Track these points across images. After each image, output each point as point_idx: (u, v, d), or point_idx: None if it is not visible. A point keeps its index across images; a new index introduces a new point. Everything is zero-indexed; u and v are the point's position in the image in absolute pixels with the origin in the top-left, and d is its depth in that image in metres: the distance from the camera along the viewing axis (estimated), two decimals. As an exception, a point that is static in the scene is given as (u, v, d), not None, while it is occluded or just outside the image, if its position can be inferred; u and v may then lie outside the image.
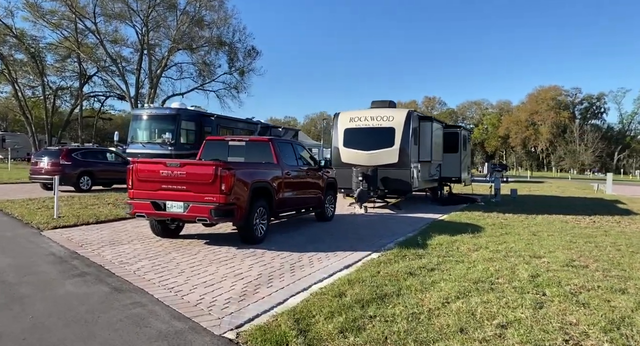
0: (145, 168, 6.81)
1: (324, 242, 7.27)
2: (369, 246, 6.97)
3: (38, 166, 14.47)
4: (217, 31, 40.07)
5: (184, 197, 6.54)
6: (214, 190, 6.38)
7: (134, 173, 6.83)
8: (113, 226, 8.58)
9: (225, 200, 6.37)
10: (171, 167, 6.59)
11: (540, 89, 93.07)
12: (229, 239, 7.44)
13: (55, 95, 44.07)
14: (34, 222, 8.40)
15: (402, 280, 4.82)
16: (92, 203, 11.38)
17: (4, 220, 8.95)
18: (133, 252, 6.41)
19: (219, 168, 6.36)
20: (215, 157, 8.09)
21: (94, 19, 35.72)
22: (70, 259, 5.86)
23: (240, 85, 44.03)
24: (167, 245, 6.94)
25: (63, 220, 8.65)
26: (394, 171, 11.33)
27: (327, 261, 5.94)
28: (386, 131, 11.48)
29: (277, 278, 5.10)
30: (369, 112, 12.10)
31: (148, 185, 6.75)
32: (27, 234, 7.51)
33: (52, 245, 6.68)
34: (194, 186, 6.48)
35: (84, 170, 14.70)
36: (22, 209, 9.93)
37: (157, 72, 38.77)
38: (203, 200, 6.43)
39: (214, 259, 5.99)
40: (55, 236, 7.37)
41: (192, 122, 19.42)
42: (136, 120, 19.39)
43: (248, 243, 6.95)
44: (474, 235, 7.72)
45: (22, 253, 6.14)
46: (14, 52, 40.29)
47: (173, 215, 6.63)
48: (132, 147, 18.92)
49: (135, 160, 6.91)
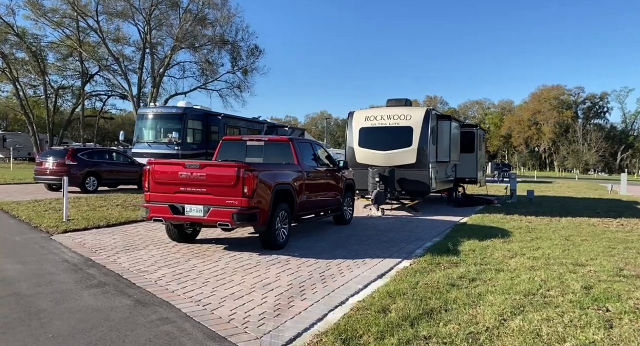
0: (163, 170, 6.47)
1: (348, 248, 6.93)
2: (398, 252, 6.63)
3: (43, 166, 14.12)
4: (220, 30, 39.71)
5: (203, 200, 6.20)
6: (235, 193, 6.04)
7: (150, 175, 6.49)
8: (125, 229, 8.25)
9: (248, 204, 6.03)
10: (190, 169, 6.25)
11: (542, 88, 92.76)
12: (249, 244, 7.10)
13: (56, 94, 43.69)
14: (42, 225, 8.06)
15: (444, 292, 4.48)
16: (100, 205, 11.04)
17: (11, 223, 8.61)
18: (150, 258, 6.07)
19: (241, 170, 6.02)
20: (232, 158, 7.78)
21: (97, 17, 35.33)
22: (86, 267, 5.52)
23: (243, 85, 43.68)
24: (184, 250, 6.61)
25: (73, 223, 8.31)
26: (412, 172, 10.99)
27: (358, 269, 5.60)
28: (403, 130, 11.13)
29: (308, 288, 4.77)
30: (385, 110, 11.75)
31: (166, 188, 6.41)
32: (37, 238, 7.17)
33: (64, 251, 6.34)
34: (214, 188, 6.14)
35: (90, 171, 14.35)
36: (29, 211, 9.59)
37: (159, 71, 38.38)
38: (224, 204, 6.09)
39: (237, 267, 5.65)
40: (66, 240, 7.04)
41: (198, 121, 19.09)
42: (142, 119, 19.04)
43: (269, 249, 6.61)
44: (505, 240, 7.38)
45: (34, 259, 5.80)
46: (15, 51, 39.96)
47: (192, 219, 6.29)
48: (138, 146, 18.59)
49: (152, 161, 6.56)
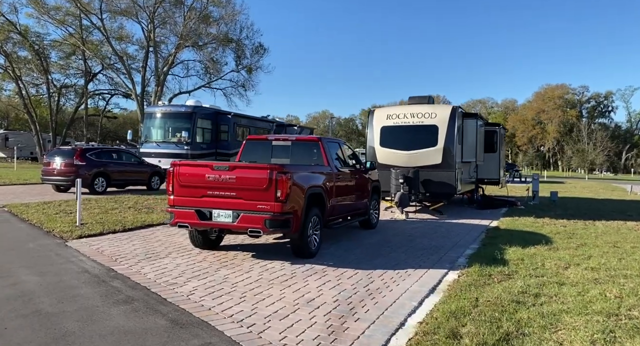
0: (189, 172, 6.02)
1: (385, 256, 6.49)
2: (440, 262, 6.18)
3: (50, 167, 13.67)
4: (224, 28, 39.21)
5: (233, 204, 5.76)
6: (268, 197, 5.60)
7: (175, 178, 6.04)
8: (142, 234, 7.81)
9: (281, 209, 5.59)
10: (218, 171, 5.81)
11: (547, 87, 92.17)
12: (277, 251, 6.66)
13: (59, 93, 43.25)
14: (56, 231, 7.62)
15: (512, 311, 4.03)
16: (112, 208, 10.60)
17: (22, 227, 8.17)
18: (176, 268, 5.63)
19: (274, 172, 5.57)
20: (257, 159, 7.35)
21: (100, 14, 34.86)
22: (109, 278, 5.08)
23: (247, 83, 43.21)
24: (210, 258, 6.16)
25: (87, 228, 7.87)
26: (437, 173, 10.53)
27: (404, 282, 5.15)
28: (428, 129, 10.67)
29: (358, 306, 4.32)
30: (408, 108, 11.29)
31: (191, 191, 5.96)
32: (52, 245, 6.73)
33: (83, 260, 5.90)
34: (244, 192, 5.70)
35: (99, 171, 13.89)
36: (40, 215, 9.15)
37: (163, 70, 37.92)
38: (255, 209, 5.65)
39: (272, 279, 5.20)
40: (82, 247, 6.60)
41: (208, 120, 18.69)
42: (150, 118, 18.62)
43: (301, 257, 6.17)
44: (549, 248, 6.93)
45: (52, 270, 5.36)
46: (17, 49, 39.52)
47: (220, 225, 5.85)
48: (146, 146, 18.18)
49: (177, 163, 6.11)
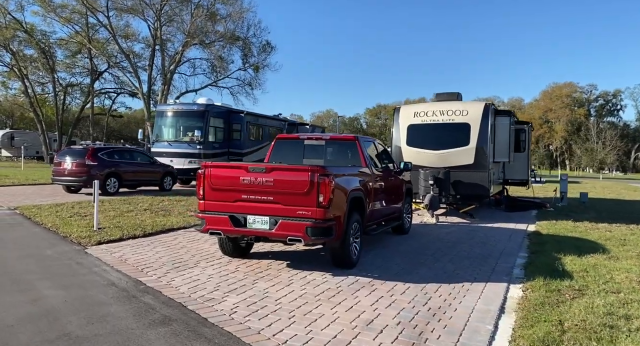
0: (221, 174, 5.53)
1: (429, 266, 5.98)
2: (494, 273, 5.67)
3: (61, 167, 13.22)
4: (231, 25, 38.70)
5: (270, 210, 5.27)
6: (309, 202, 5.10)
7: (206, 180, 5.55)
8: (164, 240, 7.33)
9: (324, 215, 5.09)
10: (254, 173, 5.32)
11: (554, 86, 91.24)
12: (311, 260, 6.18)
13: (65, 92, 42.91)
14: (73, 236, 7.16)
15: (609, 338, 3.54)
16: (127, 210, 10.13)
17: (37, 231, 7.71)
18: (208, 279, 5.15)
19: (315, 175, 5.07)
20: (288, 159, 6.86)
21: (107, 12, 34.44)
22: (139, 292, 4.60)
23: (254, 82, 42.73)
24: (243, 268, 5.68)
25: (106, 233, 7.40)
26: (469, 174, 10.00)
27: (464, 299, 4.64)
28: (459, 127, 10.13)
29: (426, 330, 3.81)
30: (436, 105, 10.75)
31: (224, 195, 5.48)
32: (71, 252, 6.26)
33: (107, 270, 5.42)
34: (283, 197, 5.21)
35: (111, 172, 13.44)
36: (54, 218, 8.69)
37: (170, 68, 37.47)
38: (295, 215, 5.16)
39: (318, 294, 4.71)
40: (104, 255, 6.12)
41: (220, 118, 18.21)
42: (161, 117, 18.17)
43: (342, 268, 5.67)
44: (607, 256, 6.41)
45: (75, 282, 4.88)
46: (23, 48, 39.18)
47: (256, 232, 5.36)
48: (158, 145, 17.72)
49: (208, 164, 5.62)
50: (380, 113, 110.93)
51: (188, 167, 16.90)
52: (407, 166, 7.95)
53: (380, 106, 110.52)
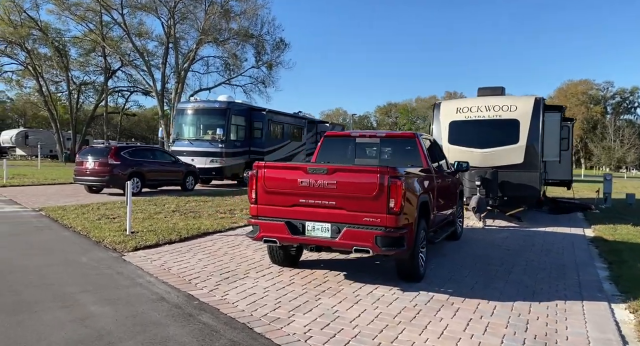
0: (277, 176, 5.00)
1: (504, 279, 5.40)
2: (582, 288, 5.06)
3: (83, 166, 12.81)
4: (245, 22, 38.22)
5: (332, 216, 4.73)
6: (378, 208, 4.54)
7: (259, 182, 5.02)
8: (202, 245, 6.83)
9: (395, 223, 4.53)
10: (314, 175, 4.77)
11: (569, 83, 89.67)
12: (368, 269, 5.65)
13: (79, 90, 42.84)
14: (106, 241, 6.69)
15: None
16: (155, 212, 9.67)
17: (66, 235, 7.26)
18: (265, 293, 4.63)
19: (385, 176, 4.51)
20: (337, 159, 6.30)
21: (121, 10, 34.18)
22: (194, 309, 4.09)
23: (267, 80, 42.25)
24: (298, 280, 5.15)
25: (140, 237, 6.92)
26: (519, 174, 9.36)
27: (568, 322, 4.06)
28: (508, 124, 9.49)
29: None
30: (481, 100, 10.10)
31: (280, 199, 4.94)
32: (108, 260, 5.77)
33: (151, 281, 4.92)
34: (347, 201, 4.66)
35: (134, 171, 13.00)
36: (82, 221, 8.25)
37: (184, 66, 37.13)
38: (361, 222, 4.61)
39: (395, 314, 4.15)
40: (144, 263, 5.63)
41: (241, 116, 17.73)
42: (181, 115, 17.73)
43: (409, 281, 5.11)
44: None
45: (121, 296, 4.38)
46: (38, 46, 39.12)
47: (316, 241, 4.82)
48: (178, 144, 17.30)
49: (261, 165, 5.08)
50: (390, 112, 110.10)
51: (210, 166, 16.47)
52: (462, 166, 7.34)
53: (391, 104, 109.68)
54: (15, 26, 34.66)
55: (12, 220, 8.46)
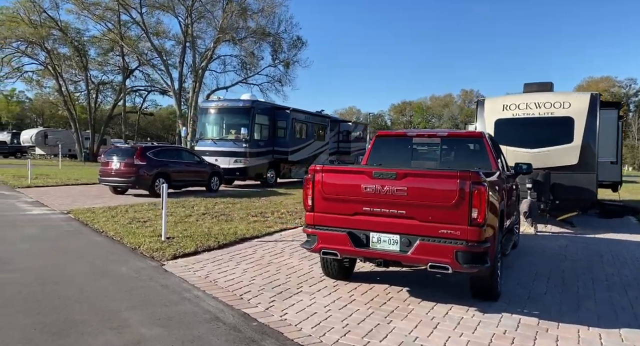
0: (337, 181, 4.51)
1: (592, 298, 4.83)
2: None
3: (108, 167, 12.53)
4: (262, 21, 37.85)
5: (401, 226, 4.22)
6: (457, 218, 4.01)
7: (316, 188, 4.54)
8: (243, 253, 6.39)
9: (479, 236, 3.99)
10: (381, 179, 4.26)
11: (590, 80, 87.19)
12: (431, 284, 5.15)
13: (97, 90, 43.05)
14: (143, 248, 6.29)
15: None
16: (186, 215, 9.29)
17: (99, 241, 6.88)
18: (327, 313, 4.16)
19: (466, 182, 3.97)
20: (392, 160, 5.78)
21: (140, 9, 34.15)
22: (255, 333, 3.63)
23: (284, 78, 41.87)
24: (358, 296, 4.66)
25: (177, 244, 6.52)
26: (573, 176, 8.70)
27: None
28: (561, 122, 8.83)
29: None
30: (529, 96, 9.46)
31: (341, 207, 4.45)
32: (148, 269, 5.36)
33: (199, 296, 4.48)
34: (420, 210, 4.14)
35: (160, 172, 12.67)
36: (113, 224, 7.89)
37: (201, 65, 36.94)
38: (437, 234, 4.08)
39: (487, 343, 3.61)
40: (188, 274, 5.20)
41: (265, 115, 17.31)
42: (205, 114, 17.38)
43: (485, 299, 4.56)
44: None
45: (171, 314, 3.95)
46: (58, 46, 39.39)
47: (382, 254, 4.31)
48: (201, 144, 16.97)
49: (318, 168, 4.59)
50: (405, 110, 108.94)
51: (233, 166, 16.10)
52: (522, 168, 6.70)
53: (405, 103, 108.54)
54: (36, 26, 34.90)
55: (42, 223, 8.15)
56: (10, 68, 37.54)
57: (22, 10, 34.42)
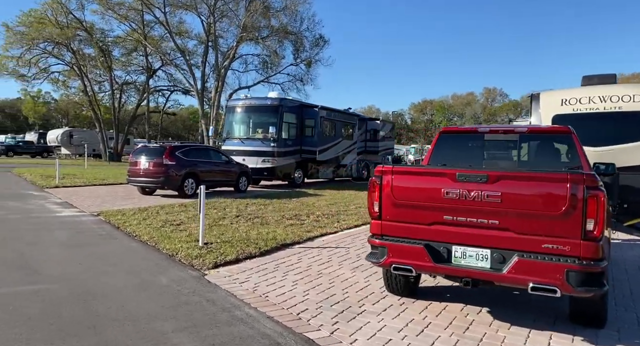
0: (411, 185, 3.87)
1: None
2: None
3: (137, 167, 12.18)
4: (285, 19, 37.42)
5: (492, 239, 3.56)
6: (567, 231, 3.34)
7: (384, 192, 3.91)
8: (287, 261, 5.82)
9: (596, 253, 3.31)
10: (467, 183, 3.60)
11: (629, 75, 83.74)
12: (510, 302, 4.46)
13: (121, 90, 43.45)
14: (180, 254, 5.80)
15: None
16: (219, 217, 8.80)
17: (134, 247, 6.42)
18: (405, 340, 3.57)
19: (579, 186, 3.29)
20: (458, 160, 5.10)
21: (164, 8, 34.16)
22: (330, 368, 3.01)
23: (306, 77, 41.35)
24: (433, 319, 4.03)
25: (216, 250, 6.00)
26: (646, 178, 7.83)
27: None
28: (630, 117, 7.96)
29: None
30: (591, 90, 8.61)
31: (416, 215, 3.82)
32: (190, 281, 4.83)
33: (252, 315, 3.92)
34: (517, 220, 3.47)
35: (189, 172, 12.26)
36: (146, 228, 7.45)
37: (224, 64, 36.75)
38: (540, 249, 3.41)
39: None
40: (233, 287, 4.66)
41: (293, 114, 16.76)
42: (232, 112, 16.95)
43: (589, 325, 3.85)
44: None
45: (224, 340, 3.42)
46: (83, 47, 39.88)
47: (470, 273, 3.65)
48: (229, 143, 16.54)
49: (387, 169, 3.97)
50: (425, 109, 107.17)
51: (261, 166, 15.61)
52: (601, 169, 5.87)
53: (426, 101, 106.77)
54: (62, 27, 35.34)
55: (73, 226, 7.78)
56: (37, 69, 38.17)
57: (49, 11, 34.88)
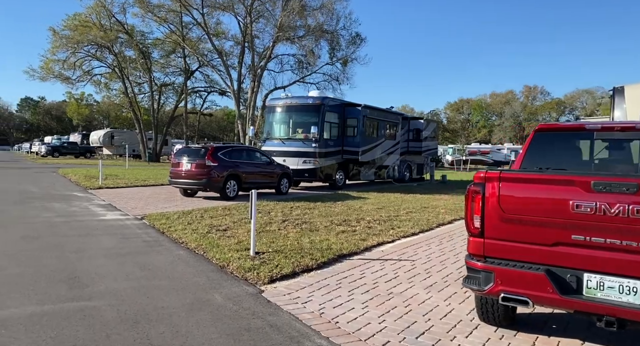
0: (526, 194, 3.13)
1: None
2: None
3: (179, 168, 11.92)
4: (321, 17, 36.89)
5: (641, 267, 2.74)
6: None
7: (490, 203, 3.19)
8: (349, 276, 5.20)
9: None
10: (607, 193, 2.82)
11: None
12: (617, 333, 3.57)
13: (160, 91, 44.37)
14: (232, 266, 5.30)
15: None
16: (265, 222, 8.30)
17: (181, 255, 5.97)
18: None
19: None
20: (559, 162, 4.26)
21: (202, 9, 34.46)
22: None
23: (342, 76, 40.70)
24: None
25: (270, 261, 5.46)
26: None
27: None
28: None
29: None
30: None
31: (532, 233, 3.08)
32: (247, 300, 4.28)
33: (327, 349, 3.28)
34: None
35: (231, 173, 11.89)
36: (192, 233, 7.05)
37: (260, 64, 36.68)
38: None
39: None
40: (296, 309, 4.06)
41: (335, 113, 16.13)
42: (272, 112, 16.52)
43: None
44: None
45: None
46: (124, 49, 40.97)
47: (611, 310, 2.87)
48: (269, 144, 16.13)
49: (493, 175, 3.24)
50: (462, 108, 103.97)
51: (302, 167, 15.09)
52: None
53: (463, 100, 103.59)
54: (105, 30, 36.39)
55: (117, 231, 7.47)
56: (81, 71, 39.55)
57: (93, 15, 35.99)
